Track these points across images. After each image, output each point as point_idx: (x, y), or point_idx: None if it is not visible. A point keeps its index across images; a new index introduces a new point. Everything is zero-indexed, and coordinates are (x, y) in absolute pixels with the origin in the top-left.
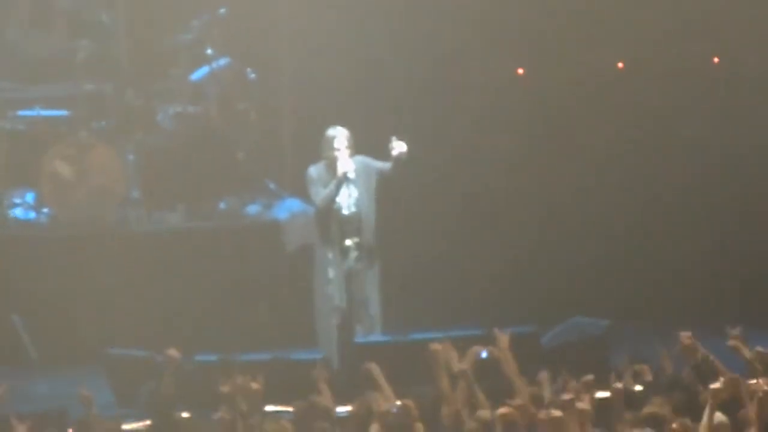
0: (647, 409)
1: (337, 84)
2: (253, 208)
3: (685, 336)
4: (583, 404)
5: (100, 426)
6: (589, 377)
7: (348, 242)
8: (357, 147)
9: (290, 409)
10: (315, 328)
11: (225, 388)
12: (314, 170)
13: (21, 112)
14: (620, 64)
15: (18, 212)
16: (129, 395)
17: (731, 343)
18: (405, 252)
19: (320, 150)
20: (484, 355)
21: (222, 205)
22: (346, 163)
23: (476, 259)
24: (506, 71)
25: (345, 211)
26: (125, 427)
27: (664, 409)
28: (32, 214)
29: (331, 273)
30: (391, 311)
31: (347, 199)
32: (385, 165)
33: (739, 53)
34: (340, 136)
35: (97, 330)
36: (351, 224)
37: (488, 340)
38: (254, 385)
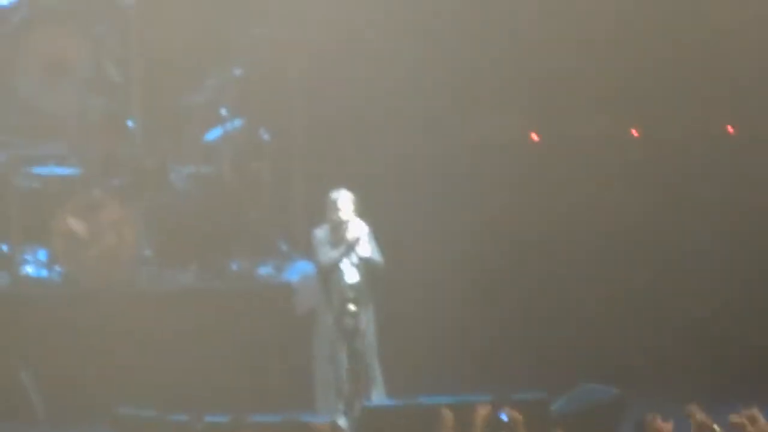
0: None
1: (351, 145)
2: (264, 270)
3: (694, 409)
4: None
5: None
6: None
7: (350, 307)
8: (366, 211)
9: None
10: (315, 392)
11: None
12: (320, 232)
13: (34, 169)
14: (634, 131)
15: (30, 269)
16: None
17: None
18: (409, 315)
19: (326, 213)
20: (504, 417)
21: (234, 266)
22: (358, 228)
23: (484, 323)
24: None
25: (347, 278)
26: None
27: None
28: (44, 272)
29: (332, 337)
30: (396, 375)
31: (349, 265)
32: (375, 254)
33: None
34: (343, 199)
35: (107, 389)
36: (353, 290)
37: (498, 406)
38: None
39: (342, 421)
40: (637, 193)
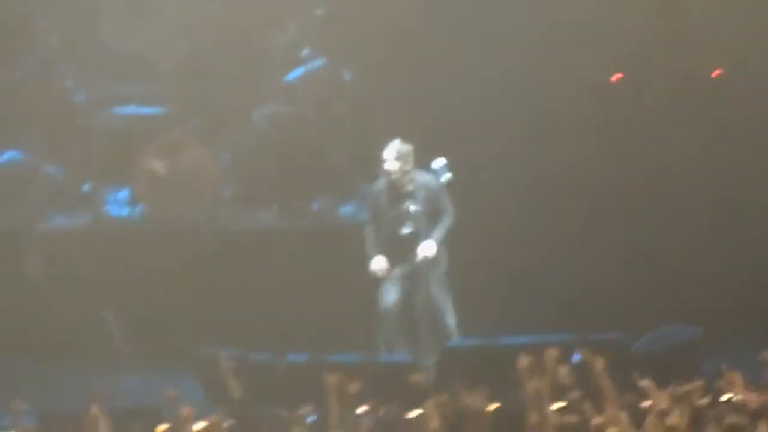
0: (730, 419)
1: (430, 87)
2: (346, 209)
3: None
4: (676, 417)
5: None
6: (689, 385)
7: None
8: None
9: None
10: (386, 334)
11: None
12: (377, 185)
13: (117, 110)
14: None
15: (112, 208)
16: (218, 394)
17: None
18: (490, 257)
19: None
20: (576, 358)
21: (315, 206)
22: (417, 180)
23: (566, 263)
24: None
25: (404, 230)
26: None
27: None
28: (126, 211)
29: (395, 287)
30: (476, 317)
31: (405, 217)
32: (445, 214)
33: None
34: (393, 150)
35: (188, 329)
36: (409, 242)
37: (575, 347)
38: (351, 387)
39: (424, 360)
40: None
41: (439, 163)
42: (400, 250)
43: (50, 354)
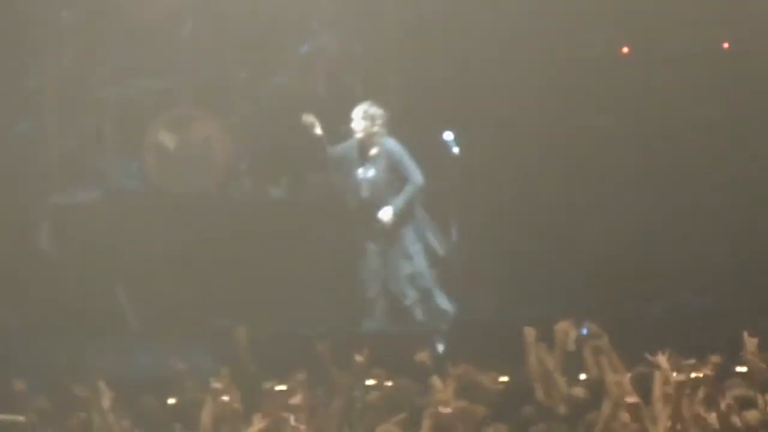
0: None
1: (443, 64)
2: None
3: None
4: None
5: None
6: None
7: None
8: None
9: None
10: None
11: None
12: (341, 148)
13: (127, 81)
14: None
15: (123, 182)
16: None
17: None
18: (497, 233)
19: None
20: (584, 331)
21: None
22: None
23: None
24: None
25: (365, 193)
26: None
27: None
28: (136, 185)
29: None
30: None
31: (366, 181)
32: (409, 182)
33: None
34: (360, 113)
35: (199, 301)
36: (370, 207)
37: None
38: (359, 358)
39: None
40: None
41: (448, 136)
42: (362, 215)
43: (60, 328)
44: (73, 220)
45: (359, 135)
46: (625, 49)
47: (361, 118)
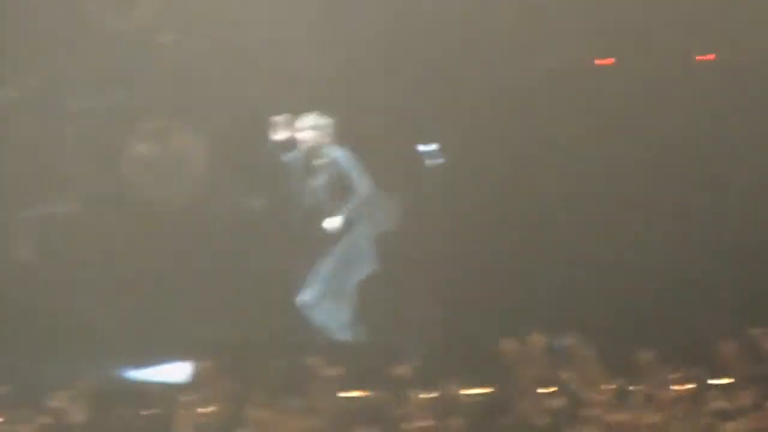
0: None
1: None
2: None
3: None
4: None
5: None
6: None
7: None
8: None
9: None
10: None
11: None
12: (290, 156)
13: (103, 91)
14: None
15: (100, 196)
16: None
17: None
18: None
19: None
20: (562, 343)
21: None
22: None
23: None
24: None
25: (311, 202)
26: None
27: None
28: (113, 199)
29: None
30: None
31: (312, 191)
32: (357, 186)
33: None
34: (307, 123)
35: (179, 314)
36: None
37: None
38: (332, 371)
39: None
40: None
41: (427, 147)
42: (308, 224)
43: (40, 340)
44: (51, 231)
45: (306, 147)
46: (608, 60)
47: (309, 129)
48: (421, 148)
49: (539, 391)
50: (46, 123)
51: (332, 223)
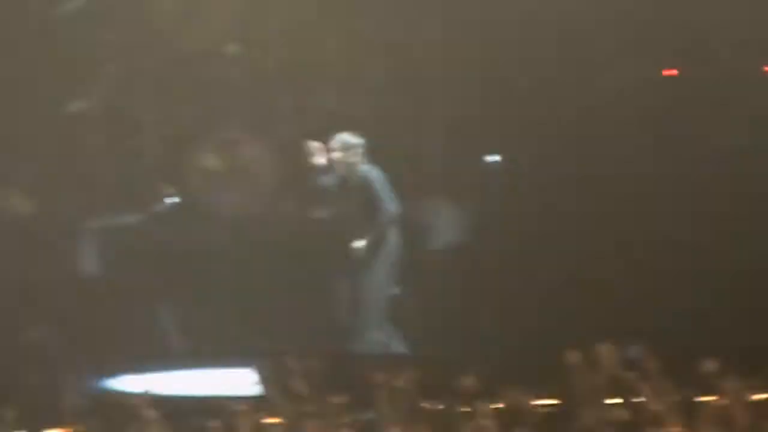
0: None
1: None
2: None
3: None
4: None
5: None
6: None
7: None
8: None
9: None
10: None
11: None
12: (326, 178)
13: (172, 103)
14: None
15: (168, 206)
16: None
17: None
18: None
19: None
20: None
21: None
22: (363, 174)
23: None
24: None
25: (344, 224)
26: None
27: None
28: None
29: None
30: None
31: (345, 211)
32: (385, 206)
33: None
34: (342, 143)
35: (246, 325)
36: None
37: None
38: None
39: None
40: None
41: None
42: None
43: (106, 347)
44: (119, 242)
45: (339, 168)
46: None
47: (340, 150)
48: (488, 159)
49: (605, 402)
50: (116, 135)
51: (361, 244)
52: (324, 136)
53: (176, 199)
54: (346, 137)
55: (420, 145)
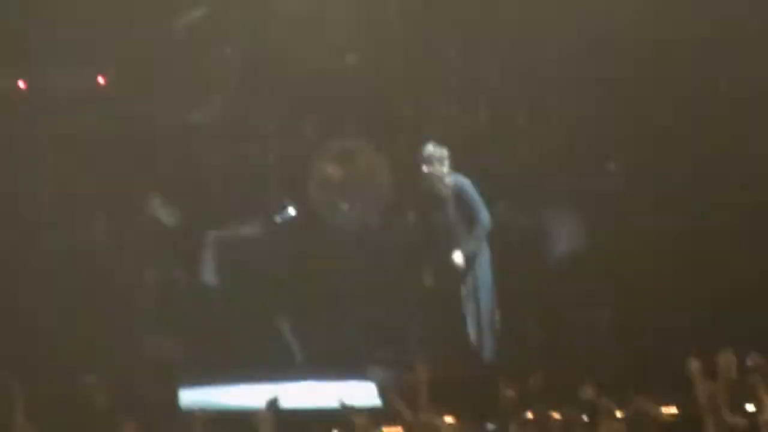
0: None
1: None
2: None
3: None
4: None
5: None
6: None
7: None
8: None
9: None
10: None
11: None
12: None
13: (291, 115)
14: None
15: (288, 217)
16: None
17: None
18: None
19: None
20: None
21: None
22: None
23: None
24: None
25: (438, 237)
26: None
27: None
28: (301, 219)
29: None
30: None
31: (440, 224)
32: (477, 222)
33: None
34: (434, 154)
35: (361, 335)
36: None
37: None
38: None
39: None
40: None
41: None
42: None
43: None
44: (238, 253)
45: (432, 177)
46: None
47: (434, 160)
48: (606, 167)
49: (727, 410)
50: (235, 147)
51: (461, 256)
52: (441, 146)
53: (295, 211)
54: (434, 149)
55: (537, 153)
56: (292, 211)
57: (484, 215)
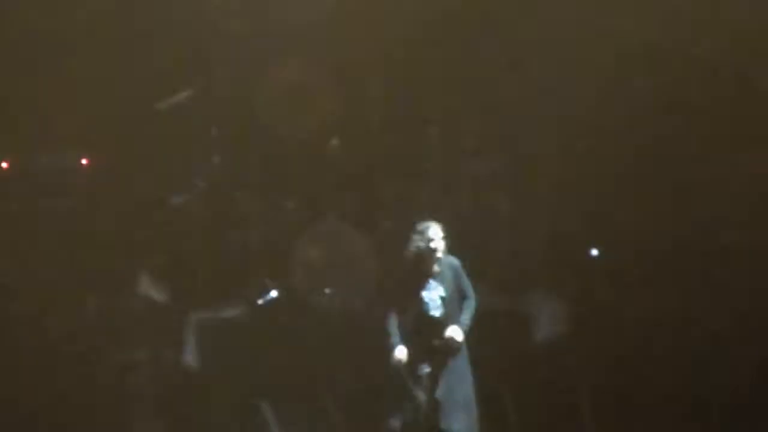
0: None
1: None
2: None
3: None
4: None
5: None
6: None
7: (436, 342)
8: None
9: None
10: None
11: None
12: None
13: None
14: None
15: (270, 299)
16: None
17: None
18: None
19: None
20: None
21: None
22: (447, 262)
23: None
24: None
25: (433, 312)
26: None
27: None
28: (283, 301)
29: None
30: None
31: (435, 300)
32: (469, 297)
33: None
34: (433, 230)
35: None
36: (438, 324)
37: None
38: None
39: None
40: None
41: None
42: (427, 335)
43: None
44: (218, 337)
45: (430, 255)
46: None
47: (441, 237)
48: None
49: None
50: (217, 229)
51: (457, 332)
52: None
53: (276, 292)
54: (435, 225)
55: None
56: (274, 293)
57: (472, 291)
